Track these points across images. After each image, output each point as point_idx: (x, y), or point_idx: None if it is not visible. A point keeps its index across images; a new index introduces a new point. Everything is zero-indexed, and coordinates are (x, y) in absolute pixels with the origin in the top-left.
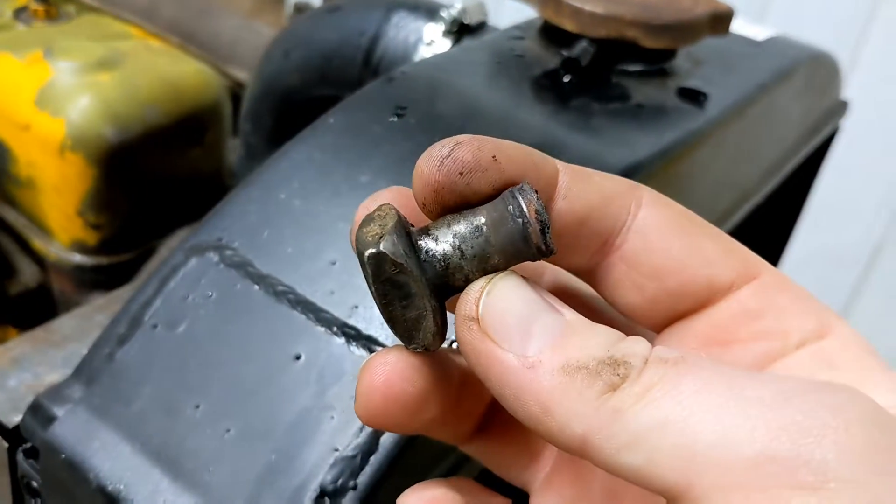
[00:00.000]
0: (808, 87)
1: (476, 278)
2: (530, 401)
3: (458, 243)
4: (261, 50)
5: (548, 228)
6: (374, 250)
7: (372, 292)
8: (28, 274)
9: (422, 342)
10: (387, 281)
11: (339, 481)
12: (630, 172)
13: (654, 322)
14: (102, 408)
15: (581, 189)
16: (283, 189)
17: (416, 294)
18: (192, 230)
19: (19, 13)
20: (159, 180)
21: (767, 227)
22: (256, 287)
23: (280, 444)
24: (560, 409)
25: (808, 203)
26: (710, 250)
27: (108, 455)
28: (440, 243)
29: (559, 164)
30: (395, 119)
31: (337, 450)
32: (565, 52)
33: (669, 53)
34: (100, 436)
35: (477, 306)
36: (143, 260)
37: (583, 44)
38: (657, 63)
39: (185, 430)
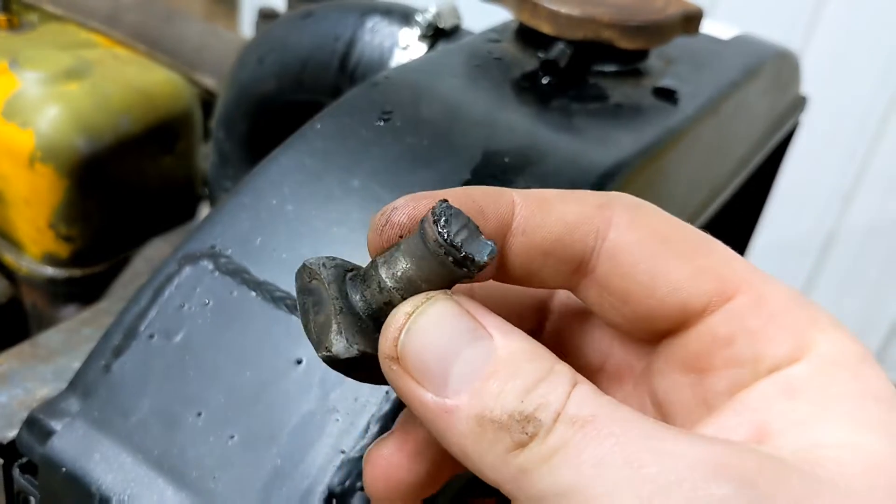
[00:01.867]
0: (774, 84)
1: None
2: (451, 443)
3: (386, 275)
4: (226, 56)
5: (460, 250)
6: (300, 267)
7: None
8: None
9: (326, 347)
10: (303, 290)
11: (347, 483)
12: (615, 171)
13: (643, 338)
14: (101, 420)
15: (541, 221)
16: (275, 195)
17: (325, 300)
18: (165, 239)
19: None
20: (131, 190)
21: (733, 222)
22: (253, 293)
23: (285, 449)
24: (474, 457)
25: (770, 196)
26: (678, 274)
27: (110, 467)
28: (374, 275)
29: (517, 196)
30: (382, 123)
31: (343, 451)
32: (542, 55)
33: (643, 54)
34: (100, 448)
35: (395, 345)
36: (117, 271)
37: (560, 46)
38: (631, 63)
39: (188, 439)
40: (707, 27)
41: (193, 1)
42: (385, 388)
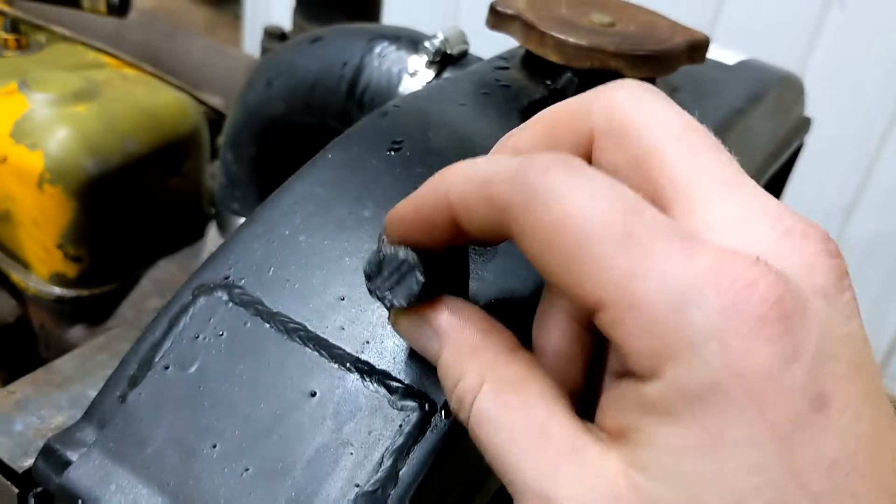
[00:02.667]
0: (778, 108)
1: None
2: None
3: None
4: (230, 73)
5: (382, 299)
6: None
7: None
8: (6, 309)
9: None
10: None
11: None
12: None
13: None
14: (117, 451)
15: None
16: (287, 225)
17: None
18: (172, 260)
19: None
20: (139, 210)
21: None
22: (267, 325)
23: (300, 482)
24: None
25: None
26: (561, 281)
27: (126, 498)
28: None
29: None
30: (392, 153)
31: (358, 485)
32: (550, 83)
33: (650, 82)
34: (116, 479)
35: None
36: (125, 291)
37: (567, 75)
38: None
39: (203, 471)
40: (713, 53)
41: (196, 13)
42: (398, 422)
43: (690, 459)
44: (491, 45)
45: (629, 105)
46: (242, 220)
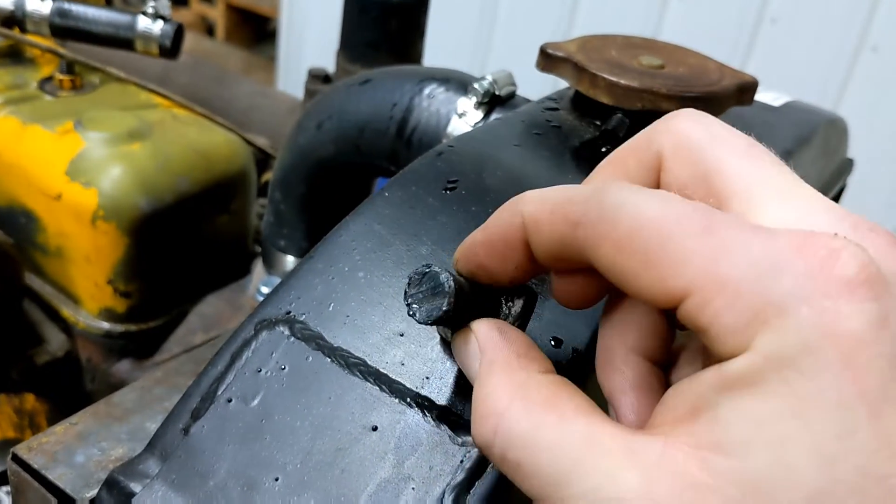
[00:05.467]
0: (824, 150)
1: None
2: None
3: None
4: (275, 114)
5: (409, 307)
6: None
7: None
8: (55, 343)
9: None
10: None
11: None
12: None
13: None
14: (179, 483)
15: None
16: (346, 261)
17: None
18: (219, 296)
19: (44, 83)
20: (188, 247)
21: None
22: (328, 359)
23: None
24: None
25: None
26: (641, 282)
27: None
28: None
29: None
30: (448, 192)
31: None
32: (600, 123)
33: None
34: None
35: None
36: (172, 327)
37: (618, 116)
38: None
39: None
40: (758, 95)
41: (232, 55)
42: (459, 458)
43: (777, 426)
44: (532, 87)
45: (690, 127)
46: (289, 257)
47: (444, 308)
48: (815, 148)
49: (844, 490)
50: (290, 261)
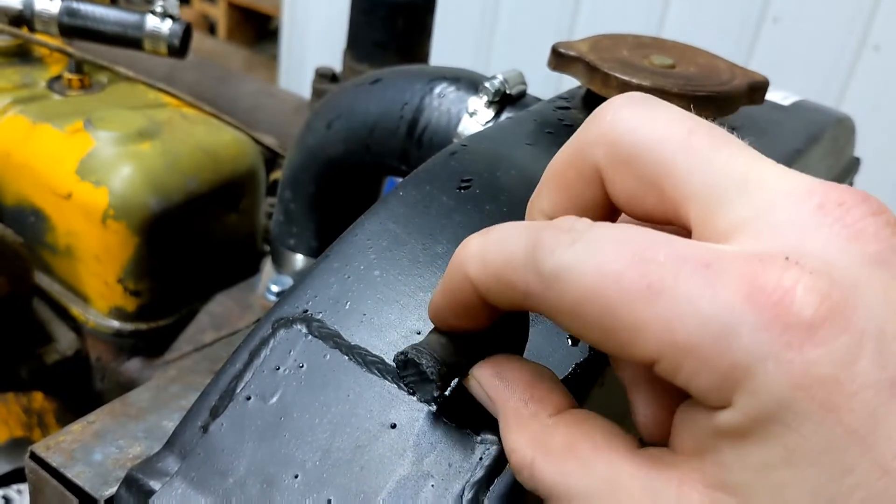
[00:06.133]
0: (832, 149)
1: None
2: None
3: None
4: (280, 114)
5: (408, 388)
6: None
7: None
8: (65, 341)
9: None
10: None
11: None
12: None
13: None
14: (199, 480)
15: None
16: (362, 260)
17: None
18: (228, 294)
19: (53, 83)
20: (197, 246)
21: None
22: (346, 357)
23: None
24: None
25: None
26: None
27: None
28: None
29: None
30: (462, 191)
31: None
32: None
33: None
34: None
35: None
36: (182, 325)
37: None
38: None
39: (286, 502)
40: (768, 94)
41: (234, 54)
42: (478, 455)
43: (775, 474)
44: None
45: (624, 125)
46: (298, 256)
47: (434, 394)
48: (824, 147)
49: None
50: (299, 259)
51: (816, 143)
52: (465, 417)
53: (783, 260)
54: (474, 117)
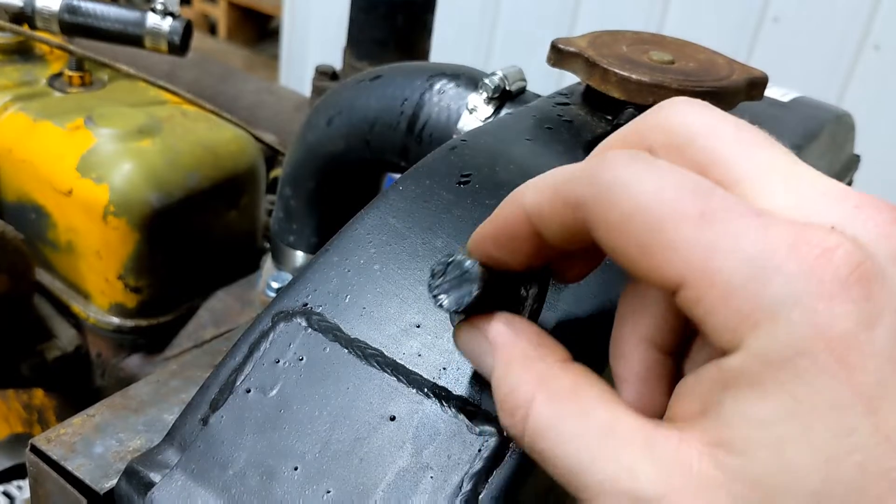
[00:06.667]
0: (831, 146)
1: None
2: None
3: None
4: (281, 111)
5: (436, 299)
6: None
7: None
8: (65, 338)
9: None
10: None
11: None
12: None
13: None
14: (199, 472)
15: None
16: (361, 254)
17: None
18: (228, 291)
19: (53, 80)
20: (197, 243)
21: None
22: (345, 351)
23: None
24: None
25: None
26: (640, 265)
27: None
28: None
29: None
30: (461, 185)
31: None
32: (611, 118)
33: None
34: (199, 501)
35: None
36: (182, 322)
37: (630, 110)
38: None
39: (285, 493)
40: (767, 90)
41: (234, 53)
42: (477, 447)
43: (777, 428)
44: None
45: (681, 117)
46: (298, 252)
47: (474, 293)
48: (823, 143)
49: (846, 487)
50: (299, 256)
51: (815, 140)
52: (464, 405)
53: (829, 227)
54: (474, 114)
